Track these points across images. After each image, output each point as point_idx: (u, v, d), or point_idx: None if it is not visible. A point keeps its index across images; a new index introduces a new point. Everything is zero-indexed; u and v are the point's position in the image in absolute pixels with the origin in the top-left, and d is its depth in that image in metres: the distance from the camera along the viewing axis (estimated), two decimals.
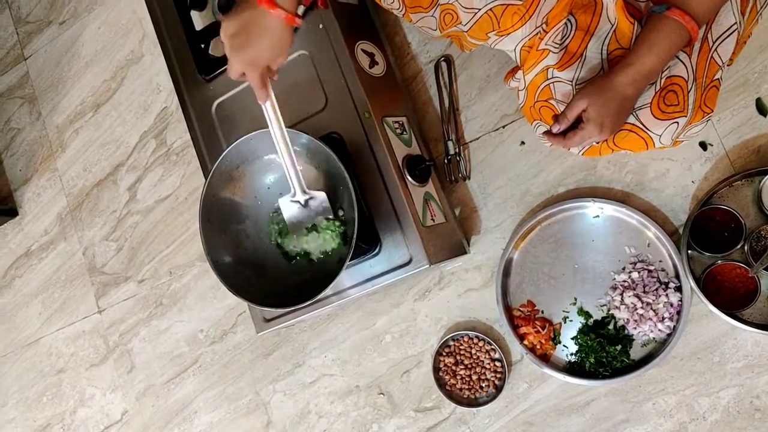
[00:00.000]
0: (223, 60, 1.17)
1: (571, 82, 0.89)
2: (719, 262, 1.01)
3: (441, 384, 1.19)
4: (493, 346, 1.16)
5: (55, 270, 1.64)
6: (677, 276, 1.04)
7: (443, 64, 1.23)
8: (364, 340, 1.29)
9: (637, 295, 1.05)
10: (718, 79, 0.87)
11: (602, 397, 1.10)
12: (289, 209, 1.03)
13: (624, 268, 1.08)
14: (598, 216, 1.10)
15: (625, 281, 1.07)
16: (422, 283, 1.24)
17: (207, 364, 1.44)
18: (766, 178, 0.98)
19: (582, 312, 1.10)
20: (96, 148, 1.61)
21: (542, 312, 1.13)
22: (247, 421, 1.39)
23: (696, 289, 1.01)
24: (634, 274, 1.06)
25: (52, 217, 1.65)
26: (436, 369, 1.20)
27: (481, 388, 1.17)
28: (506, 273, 1.15)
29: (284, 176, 1.11)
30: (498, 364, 1.16)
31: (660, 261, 1.06)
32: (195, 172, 1.47)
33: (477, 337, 1.17)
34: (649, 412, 1.07)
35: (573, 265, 1.11)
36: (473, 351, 1.17)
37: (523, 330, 1.12)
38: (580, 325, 1.10)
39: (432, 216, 1.11)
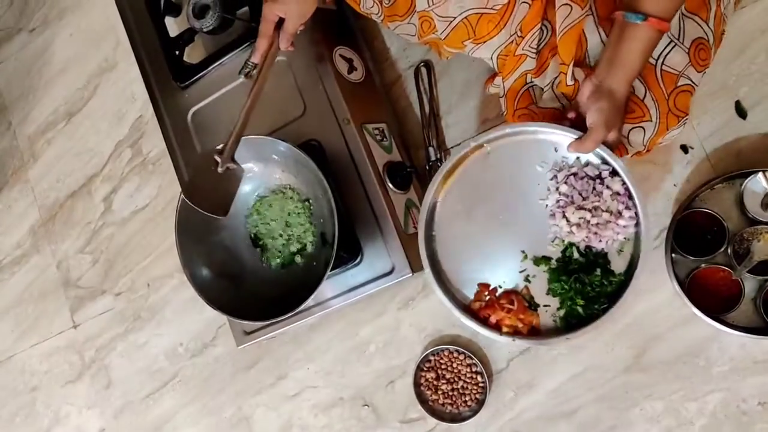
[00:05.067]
0: (197, 67, 1.16)
1: (545, 87, 0.89)
2: (703, 265, 1.00)
3: (422, 400, 1.17)
4: (473, 360, 1.14)
5: (28, 284, 1.59)
6: (605, 162, 0.89)
7: (423, 70, 1.22)
8: (347, 351, 1.27)
9: (579, 207, 0.89)
10: (688, 84, 0.86)
11: (590, 404, 1.09)
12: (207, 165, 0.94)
13: (548, 189, 0.92)
14: (488, 153, 0.94)
15: (558, 200, 0.91)
16: (405, 292, 1.22)
17: (187, 378, 1.41)
18: (746, 180, 0.98)
19: (539, 260, 0.93)
20: (69, 159, 1.57)
21: (500, 287, 0.95)
22: None
23: (680, 293, 1.00)
24: (563, 188, 0.90)
25: (25, 230, 1.61)
26: (417, 384, 1.18)
27: (464, 402, 1.15)
28: (441, 281, 0.97)
29: (262, 185, 1.09)
30: (479, 377, 1.14)
31: (577, 158, 0.90)
32: (172, 181, 1.44)
33: (457, 351, 1.16)
34: (637, 418, 1.06)
35: (498, 219, 0.95)
36: (454, 365, 1.16)
37: (494, 318, 0.94)
38: (546, 275, 0.92)
39: (414, 223, 1.09)
